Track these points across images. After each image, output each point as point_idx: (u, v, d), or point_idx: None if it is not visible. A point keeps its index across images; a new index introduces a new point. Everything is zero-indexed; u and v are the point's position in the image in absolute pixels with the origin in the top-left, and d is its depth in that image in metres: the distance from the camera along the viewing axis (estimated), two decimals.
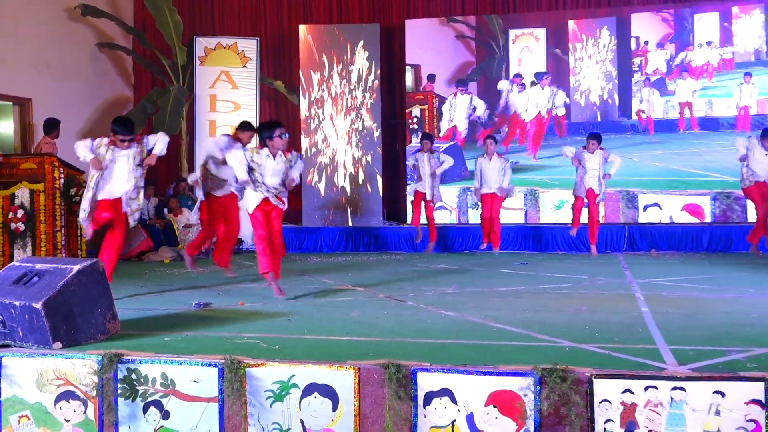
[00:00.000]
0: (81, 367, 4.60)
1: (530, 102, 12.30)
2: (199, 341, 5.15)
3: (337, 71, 12.82)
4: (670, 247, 11.31)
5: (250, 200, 7.20)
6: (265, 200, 7.15)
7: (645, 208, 11.98)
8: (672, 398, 3.97)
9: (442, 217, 12.24)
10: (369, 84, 12.78)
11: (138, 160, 7.30)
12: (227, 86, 12.89)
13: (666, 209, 11.93)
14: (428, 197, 10.96)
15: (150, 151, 7.37)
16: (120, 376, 4.52)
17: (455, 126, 12.77)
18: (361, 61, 12.77)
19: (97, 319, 5.12)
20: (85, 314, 5.02)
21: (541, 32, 12.49)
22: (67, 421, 4.61)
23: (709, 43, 12.04)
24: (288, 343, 5.03)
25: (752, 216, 11.23)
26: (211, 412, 4.39)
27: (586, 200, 10.57)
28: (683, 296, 7.02)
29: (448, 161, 11.01)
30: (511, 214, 12.04)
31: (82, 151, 7.10)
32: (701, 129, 12.07)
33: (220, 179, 8.09)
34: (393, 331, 5.54)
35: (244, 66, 12.92)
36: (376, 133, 12.63)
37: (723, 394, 3.93)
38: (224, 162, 7.51)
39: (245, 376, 4.35)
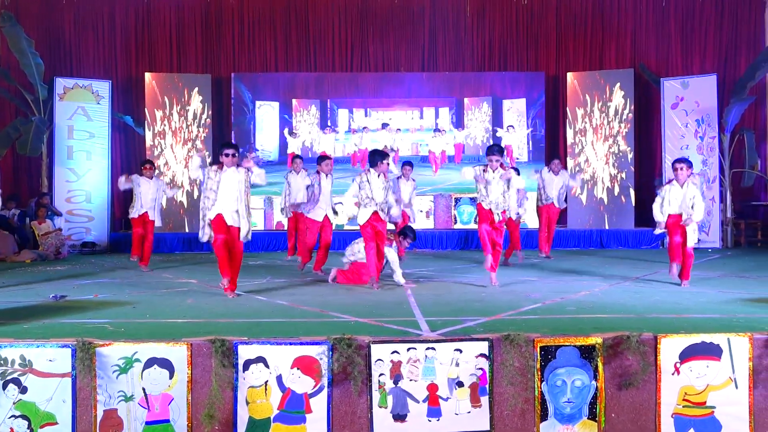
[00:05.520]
0: None
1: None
2: (55, 327, 4.68)
3: (177, 110, 12.25)
4: (425, 246, 11.53)
5: (361, 214, 6.67)
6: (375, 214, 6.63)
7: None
8: (426, 355, 4.12)
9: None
10: (203, 121, 12.32)
11: None
12: (83, 118, 11.82)
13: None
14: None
15: None
16: None
17: None
18: (196, 103, 12.28)
19: None
20: None
21: (275, 104, 12.97)
22: None
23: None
24: (132, 326, 4.71)
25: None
26: (65, 385, 4.02)
27: None
28: (434, 282, 7.34)
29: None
30: None
31: None
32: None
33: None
34: (220, 313, 5.34)
35: (98, 103, 11.90)
36: (209, 160, 12.17)
37: (461, 351, 4.14)
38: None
39: (95, 355, 4.02)
